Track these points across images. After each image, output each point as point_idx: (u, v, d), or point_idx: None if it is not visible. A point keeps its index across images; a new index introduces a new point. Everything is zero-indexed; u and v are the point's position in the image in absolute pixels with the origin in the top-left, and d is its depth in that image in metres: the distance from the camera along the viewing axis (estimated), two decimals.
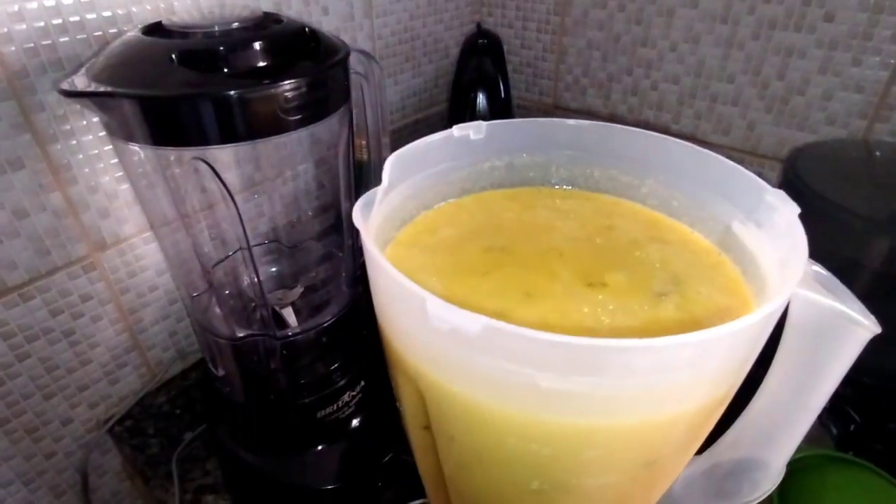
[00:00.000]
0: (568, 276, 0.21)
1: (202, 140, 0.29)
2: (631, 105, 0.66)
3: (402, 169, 0.22)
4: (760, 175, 0.21)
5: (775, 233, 0.19)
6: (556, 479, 0.17)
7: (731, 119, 0.59)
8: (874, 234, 0.39)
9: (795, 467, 0.39)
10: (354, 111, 0.41)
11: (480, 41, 0.61)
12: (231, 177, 0.49)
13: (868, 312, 0.19)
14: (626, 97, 0.66)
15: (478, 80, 0.62)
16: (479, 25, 0.65)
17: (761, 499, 0.27)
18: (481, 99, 0.64)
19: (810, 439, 0.46)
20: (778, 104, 0.55)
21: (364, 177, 0.47)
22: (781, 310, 0.16)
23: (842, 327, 0.18)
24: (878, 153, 0.48)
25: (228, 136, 0.29)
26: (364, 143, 0.47)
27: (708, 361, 0.15)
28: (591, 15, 0.64)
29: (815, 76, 0.52)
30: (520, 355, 0.14)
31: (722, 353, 0.15)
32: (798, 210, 0.19)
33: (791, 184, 0.41)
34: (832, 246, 0.26)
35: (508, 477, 0.18)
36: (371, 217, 0.20)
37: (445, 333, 0.14)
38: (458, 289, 0.19)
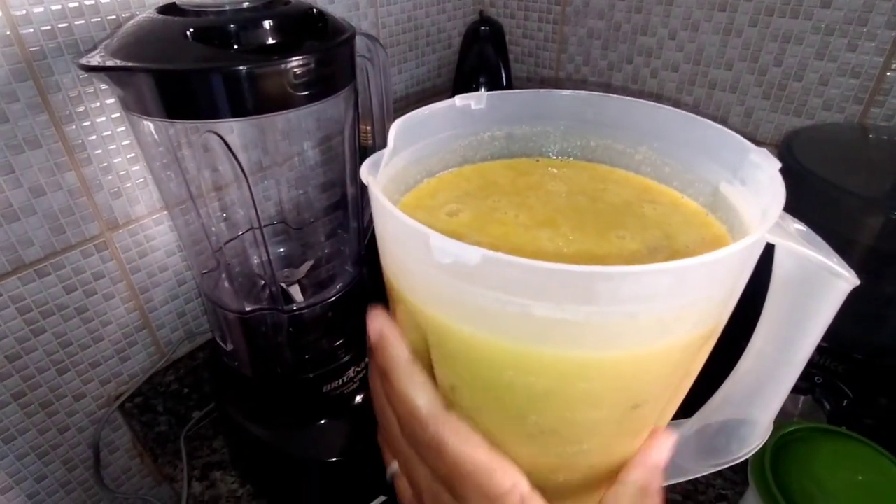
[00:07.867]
0: (565, 233, 0.22)
1: (214, 113, 0.31)
2: (631, 93, 0.67)
3: (406, 134, 0.24)
4: None
5: (758, 188, 0.21)
6: (549, 412, 0.18)
7: (729, 105, 0.60)
8: (867, 212, 0.40)
9: (790, 439, 0.40)
10: (360, 98, 0.42)
11: (482, 28, 0.63)
12: (241, 160, 0.50)
13: (847, 265, 0.20)
14: (627, 85, 0.67)
15: (480, 68, 0.63)
16: (481, 13, 0.67)
17: (750, 454, 0.28)
18: (483, 88, 0.65)
19: (805, 414, 0.47)
20: (775, 90, 0.56)
21: None
22: (757, 247, 0.17)
23: (823, 279, 0.19)
24: (872, 136, 0.49)
25: (239, 109, 0.31)
26: (369, 128, 0.48)
27: (687, 291, 0.16)
28: (592, 4, 0.65)
29: (812, 62, 0.53)
30: (516, 284, 0.15)
31: (700, 284, 0.16)
32: (779, 165, 0.20)
33: (787, 165, 0.42)
34: (826, 224, 0.27)
35: (507, 416, 0.19)
36: (377, 177, 0.21)
37: (447, 268, 0.16)
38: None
